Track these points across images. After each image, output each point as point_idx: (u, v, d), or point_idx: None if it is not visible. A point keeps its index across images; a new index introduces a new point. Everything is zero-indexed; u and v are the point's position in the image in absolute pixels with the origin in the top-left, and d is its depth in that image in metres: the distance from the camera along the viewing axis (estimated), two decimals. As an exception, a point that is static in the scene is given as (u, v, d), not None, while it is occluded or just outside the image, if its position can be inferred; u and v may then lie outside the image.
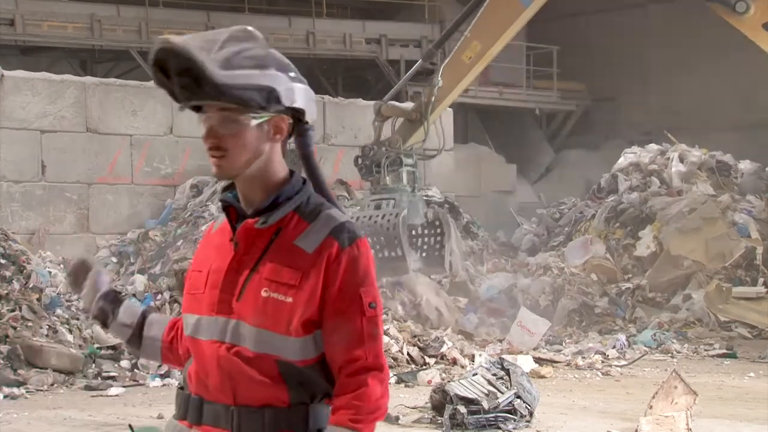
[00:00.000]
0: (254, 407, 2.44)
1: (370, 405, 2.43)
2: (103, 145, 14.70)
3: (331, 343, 2.43)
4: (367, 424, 2.43)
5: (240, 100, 2.41)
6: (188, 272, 2.61)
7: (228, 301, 2.46)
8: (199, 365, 2.49)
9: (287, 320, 2.43)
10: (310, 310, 2.42)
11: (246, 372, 2.43)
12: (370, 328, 2.44)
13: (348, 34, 20.90)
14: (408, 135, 13.78)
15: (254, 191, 2.50)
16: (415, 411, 8.30)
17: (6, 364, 9.65)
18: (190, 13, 19.96)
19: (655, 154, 17.19)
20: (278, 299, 2.43)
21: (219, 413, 2.46)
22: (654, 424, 7.16)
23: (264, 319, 2.43)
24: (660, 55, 22.76)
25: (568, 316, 14.03)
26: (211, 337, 2.47)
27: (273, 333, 2.43)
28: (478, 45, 13.55)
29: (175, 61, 2.37)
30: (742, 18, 12.53)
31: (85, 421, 8.08)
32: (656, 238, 15.28)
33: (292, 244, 2.46)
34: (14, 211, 13.90)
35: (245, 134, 2.45)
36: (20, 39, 18.13)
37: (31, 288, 10.87)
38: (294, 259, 2.45)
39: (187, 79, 2.38)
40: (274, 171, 2.51)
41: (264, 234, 2.47)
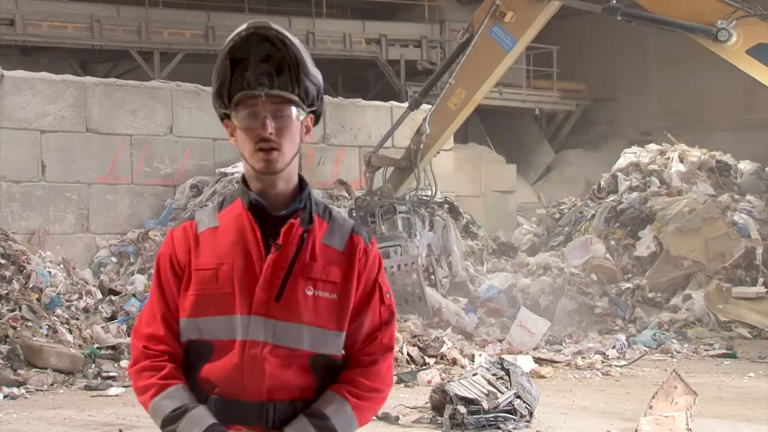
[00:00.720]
0: (287, 401, 2.47)
1: (374, 384, 2.51)
2: (103, 145, 14.69)
3: (352, 330, 2.52)
4: (361, 400, 2.50)
5: (307, 94, 2.45)
6: (187, 272, 2.53)
7: (267, 301, 2.46)
8: (227, 366, 2.46)
9: (337, 316, 2.50)
10: (353, 303, 2.52)
11: (285, 369, 2.46)
12: (387, 315, 2.57)
13: (348, 34, 20.89)
14: (399, 183, 14.05)
15: (284, 189, 2.51)
16: (415, 411, 8.30)
17: (6, 364, 9.65)
18: (190, 13, 19.94)
19: (655, 154, 17.19)
20: (325, 297, 2.49)
21: (249, 411, 2.47)
22: (654, 424, 7.15)
23: (315, 318, 2.47)
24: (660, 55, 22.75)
25: (568, 316, 14.03)
26: (248, 337, 2.45)
27: (327, 330, 2.49)
28: (463, 92, 13.83)
29: (266, 47, 2.40)
30: (724, 46, 12.59)
31: (85, 421, 8.08)
32: (656, 238, 15.28)
33: (322, 243, 2.51)
34: (14, 211, 13.90)
35: (293, 128, 2.49)
36: (20, 39, 18.12)
37: (31, 288, 10.87)
38: (329, 257, 2.51)
39: (267, 66, 2.39)
40: (297, 169, 2.56)
41: (297, 234, 2.47)
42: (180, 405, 2.46)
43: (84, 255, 14.24)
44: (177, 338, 2.53)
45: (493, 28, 13.66)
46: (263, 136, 2.43)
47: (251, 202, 2.50)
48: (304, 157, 15.86)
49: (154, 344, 2.52)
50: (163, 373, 2.49)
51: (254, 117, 2.44)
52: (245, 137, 2.46)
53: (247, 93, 2.43)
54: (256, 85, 2.42)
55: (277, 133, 2.44)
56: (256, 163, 2.46)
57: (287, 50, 2.43)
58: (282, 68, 2.43)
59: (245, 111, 2.45)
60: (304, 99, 2.47)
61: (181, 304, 2.52)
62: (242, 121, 2.46)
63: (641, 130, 22.02)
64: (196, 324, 2.50)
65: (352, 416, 2.49)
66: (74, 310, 11.13)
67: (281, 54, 2.43)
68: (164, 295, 2.55)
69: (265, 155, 2.45)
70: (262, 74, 2.41)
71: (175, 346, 2.52)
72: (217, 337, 2.48)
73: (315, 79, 2.50)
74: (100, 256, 14.31)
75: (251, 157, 2.47)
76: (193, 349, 2.52)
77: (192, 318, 2.50)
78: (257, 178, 2.49)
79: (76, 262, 13.21)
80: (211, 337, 2.49)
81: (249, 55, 2.42)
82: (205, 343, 2.50)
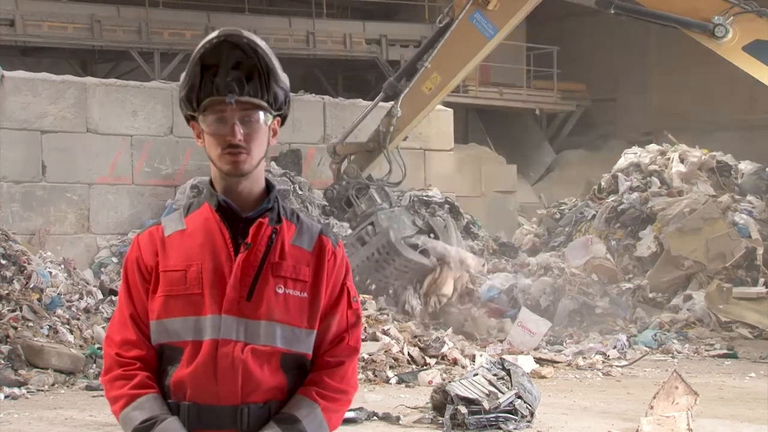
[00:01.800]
0: (260, 403, 2.47)
1: (340, 385, 2.53)
2: (103, 145, 14.70)
3: (320, 331, 2.54)
4: (329, 402, 2.51)
5: (275, 100, 2.48)
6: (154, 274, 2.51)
7: (237, 300, 2.46)
8: (199, 369, 2.45)
9: (308, 315, 2.51)
10: (323, 303, 2.54)
11: (258, 369, 2.46)
12: (353, 318, 2.59)
13: (348, 35, 20.90)
14: (365, 164, 13.79)
15: (252, 191, 2.52)
16: (416, 411, 8.30)
17: (7, 364, 9.65)
18: (190, 13, 19.96)
19: (656, 154, 17.18)
20: (295, 295, 2.50)
21: (223, 415, 2.46)
22: (655, 424, 7.15)
23: (286, 316, 2.49)
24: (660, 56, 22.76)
25: (569, 316, 14.02)
26: (219, 336, 2.45)
27: (298, 329, 2.50)
28: (438, 77, 13.58)
29: (237, 54, 2.42)
30: (720, 43, 12.53)
31: (86, 422, 8.08)
32: (657, 239, 15.27)
33: (291, 244, 2.52)
34: (15, 212, 13.90)
35: (261, 132, 2.50)
36: (21, 39, 18.14)
37: (31, 288, 10.87)
38: (299, 257, 2.52)
39: (238, 73, 2.42)
40: (263, 172, 2.57)
41: (266, 234, 2.49)
42: (149, 416, 2.44)
43: (85, 255, 14.24)
44: (149, 341, 2.51)
45: (475, 14, 13.44)
46: (232, 143, 2.45)
47: (219, 204, 2.50)
48: (304, 157, 15.86)
49: (126, 350, 2.50)
50: (134, 383, 2.47)
51: (222, 122, 2.46)
52: (213, 141, 2.48)
53: (217, 99, 2.44)
54: (226, 91, 2.43)
55: (246, 138, 2.46)
56: (223, 165, 2.47)
57: (258, 58, 2.45)
58: (252, 75, 2.45)
59: (213, 116, 2.46)
60: (272, 104, 2.50)
61: (150, 307, 2.51)
62: (210, 126, 2.47)
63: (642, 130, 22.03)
64: (164, 326, 2.49)
65: (322, 418, 2.49)
66: (75, 311, 11.14)
67: (252, 61, 2.45)
68: (133, 300, 2.53)
69: (232, 157, 2.46)
70: (233, 81, 2.43)
71: (147, 349, 2.50)
72: (185, 339, 2.47)
73: (284, 85, 2.52)
74: (100, 257, 14.30)
75: (219, 160, 2.48)
76: (163, 354, 2.51)
77: (161, 320, 2.49)
78: (224, 179, 2.50)
79: (77, 262, 13.21)
80: (179, 340, 2.47)
81: (219, 61, 2.43)
82: (175, 347, 2.48)
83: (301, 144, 15.72)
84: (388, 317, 11.95)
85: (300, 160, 15.81)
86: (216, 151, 2.47)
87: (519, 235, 18.10)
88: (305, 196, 14.89)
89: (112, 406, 2.51)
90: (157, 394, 2.48)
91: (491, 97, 22.41)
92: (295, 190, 14.81)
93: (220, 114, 2.45)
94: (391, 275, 12.52)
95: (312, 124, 14.08)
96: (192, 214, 2.55)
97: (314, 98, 15.87)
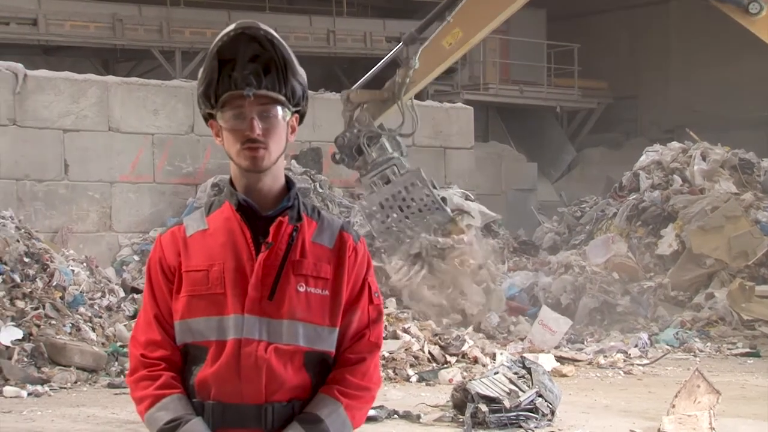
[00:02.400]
0: (284, 402, 2.47)
1: (362, 382, 2.52)
2: (125, 144, 14.77)
3: (341, 328, 2.53)
4: (352, 400, 2.50)
5: (293, 94, 2.47)
6: (177, 274, 2.51)
7: (259, 300, 2.46)
8: (223, 368, 2.45)
9: (330, 312, 2.51)
10: (344, 300, 2.52)
11: (281, 368, 2.45)
12: (375, 314, 2.57)
13: (368, 33, 20.90)
14: (378, 113, 13.50)
15: (272, 188, 2.52)
16: (437, 409, 8.30)
17: (30, 361, 9.71)
18: (211, 12, 20.02)
19: (677, 152, 17.09)
20: (316, 293, 2.50)
21: (247, 414, 2.46)
22: (677, 423, 7.13)
23: (308, 314, 2.48)
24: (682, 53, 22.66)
25: (590, 314, 13.99)
26: (243, 336, 2.45)
27: (321, 326, 2.49)
28: (460, 32, 13.25)
29: (254, 47, 2.42)
30: (754, 19, 12.37)
31: (108, 419, 8.12)
32: (678, 237, 15.20)
33: (311, 241, 2.51)
34: (38, 210, 13.99)
35: (280, 128, 2.49)
36: (43, 39, 18.24)
37: (54, 286, 10.94)
38: (320, 254, 2.51)
39: (255, 66, 2.41)
40: (283, 169, 2.56)
41: (287, 232, 2.48)
42: (174, 417, 2.44)
43: (107, 253, 14.32)
44: (174, 341, 2.51)
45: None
46: (251, 137, 2.44)
47: (240, 203, 2.50)
48: (325, 155, 15.88)
49: (151, 351, 2.50)
50: (159, 383, 2.48)
51: (241, 118, 2.44)
52: (232, 137, 2.46)
53: (235, 93, 2.43)
54: (244, 85, 2.42)
55: (264, 133, 2.45)
56: (242, 161, 2.46)
57: (275, 50, 2.43)
58: (269, 68, 2.44)
59: (232, 111, 2.45)
60: (290, 99, 2.48)
61: (174, 307, 2.51)
62: (229, 122, 2.46)
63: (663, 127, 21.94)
64: (188, 326, 2.49)
65: (345, 417, 2.49)
66: (97, 309, 11.20)
67: (269, 54, 2.43)
68: (157, 300, 2.53)
69: (251, 152, 2.45)
70: (250, 74, 2.42)
71: (172, 349, 2.51)
72: (209, 339, 2.47)
73: (301, 79, 2.50)
74: (122, 255, 14.38)
75: (237, 156, 2.47)
76: (188, 354, 2.51)
77: (184, 320, 2.49)
78: (243, 176, 2.49)
79: (99, 260, 13.28)
80: (203, 339, 2.47)
81: (237, 55, 2.42)
82: (199, 347, 2.48)
83: (322, 142, 15.75)
84: (408, 315, 11.96)
85: (320, 158, 15.82)
86: (235, 148, 2.46)
87: (539, 233, 18.06)
88: (325, 194, 14.91)
89: (137, 406, 2.52)
90: (182, 395, 2.48)
91: (512, 95, 22.36)
92: (315, 188, 14.83)
93: (238, 109, 2.44)
94: (411, 216, 12.54)
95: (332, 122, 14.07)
96: (213, 214, 2.54)
97: (334, 96, 15.87)
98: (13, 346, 9.77)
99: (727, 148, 17.02)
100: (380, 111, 13.47)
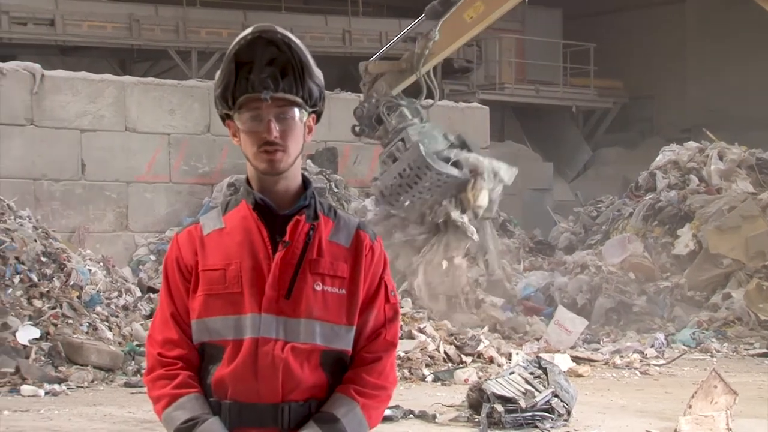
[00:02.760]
0: (301, 401, 2.47)
1: (378, 381, 2.52)
2: (141, 143, 14.83)
3: (357, 327, 2.53)
4: (368, 399, 2.50)
5: (310, 95, 2.47)
6: (194, 273, 2.51)
7: (277, 299, 2.46)
8: (240, 367, 2.46)
9: (347, 311, 2.51)
10: (361, 299, 2.53)
11: (298, 367, 2.46)
12: (391, 313, 2.57)
13: (384, 33, 20.89)
14: (395, 83, 13.46)
15: (289, 188, 2.52)
16: (452, 409, 8.29)
17: (47, 361, 9.75)
18: (227, 12, 20.07)
19: (694, 151, 17.03)
20: (333, 292, 2.50)
21: (264, 413, 2.46)
22: (693, 423, 7.10)
23: (325, 313, 2.48)
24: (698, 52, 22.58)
25: (606, 314, 13.96)
26: (259, 335, 2.45)
27: (338, 325, 2.50)
28: (482, 6, 13.18)
29: (272, 50, 2.43)
30: None
31: (125, 418, 8.15)
32: (695, 237, 15.15)
33: (328, 240, 2.52)
34: (55, 210, 14.06)
35: (297, 129, 2.50)
36: (60, 39, 18.33)
37: (71, 285, 10.98)
38: (336, 253, 2.52)
39: (272, 69, 2.42)
40: (300, 169, 2.56)
41: (303, 231, 2.49)
42: (191, 416, 2.44)
43: (123, 253, 14.38)
44: (191, 340, 2.51)
45: None
46: (268, 140, 2.44)
47: (257, 202, 2.50)
48: (340, 155, 15.89)
49: (168, 350, 2.51)
50: (176, 382, 2.48)
51: (258, 120, 2.45)
52: (249, 140, 2.47)
53: (252, 96, 2.43)
54: (261, 88, 2.42)
55: (282, 135, 2.45)
56: (260, 163, 2.47)
57: (292, 53, 2.44)
58: (286, 71, 2.44)
59: (249, 113, 2.45)
60: (307, 100, 2.48)
61: (191, 306, 2.51)
62: (246, 124, 2.46)
63: (680, 127, 21.86)
64: (205, 325, 2.49)
65: (362, 416, 2.49)
66: (114, 308, 11.23)
67: (286, 57, 2.44)
68: (174, 299, 2.53)
69: (268, 156, 2.45)
70: (267, 77, 2.42)
71: (189, 348, 2.51)
72: (226, 338, 2.47)
73: (318, 80, 2.51)
74: (138, 254, 14.43)
75: (255, 158, 2.47)
76: (205, 353, 2.51)
77: (201, 319, 2.49)
78: (260, 178, 2.50)
79: (116, 260, 13.33)
80: (220, 338, 2.47)
81: (254, 58, 2.43)
82: (216, 346, 2.48)
83: (337, 142, 15.76)
84: (424, 315, 11.96)
85: (336, 158, 15.84)
86: (252, 149, 2.47)
87: (555, 233, 18.02)
88: (341, 194, 14.93)
89: (154, 405, 2.52)
90: (199, 394, 2.49)
91: (528, 95, 22.33)
92: (331, 188, 14.85)
93: (255, 111, 2.45)
94: (424, 190, 12.45)
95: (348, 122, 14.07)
96: (230, 213, 2.54)
97: (350, 96, 15.90)
98: (30, 345, 9.82)
99: (744, 147, 16.95)
100: (398, 81, 13.46)
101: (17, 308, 10.27)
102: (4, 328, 9.92)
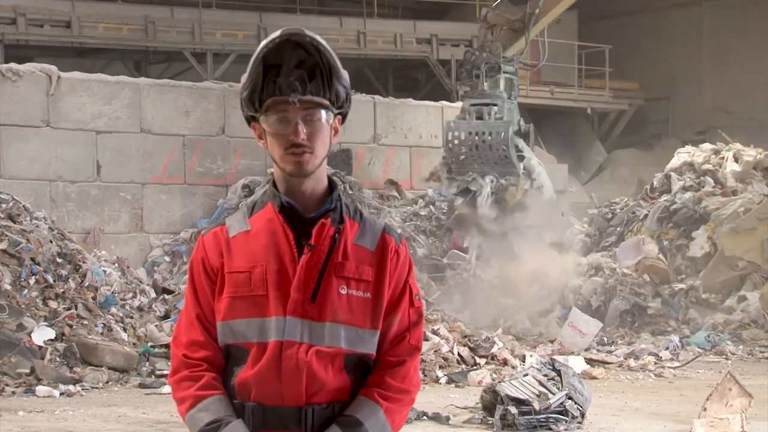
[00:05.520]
0: (324, 404, 2.47)
1: (402, 385, 2.51)
2: (156, 145, 14.87)
3: (381, 330, 2.53)
4: (392, 403, 2.50)
5: (337, 97, 2.48)
6: (220, 275, 2.51)
7: (302, 302, 2.46)
8: (264, 370, 2.45)
9: (372, 315, 2.51)
10: (386, 303, 2.52)
11: (322, 370, 2.46)
12: (415, 316, 2.57)
13: (399, 34, 20.90)
14: (509, 44, 13.90)
15: (315, 191, 2.52)
16: (466, 411, 8.29)
17: (62, 361, 9.80)
18: (242, 14, 20.11)
19: (709, 153, 16.98)
20: (358, 296, 2.50)
21: (287, 416, 2.46)
22: (708, 426, 7.08)
23: (350, 317, 2.48)
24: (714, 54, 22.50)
25: (620, 316, 13.92)
26: (284, 338, 2.45)
27: (362, 329, 2.50)
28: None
29: (300, 53, 2.43)
30: None
31: (139, 419, 8.18)
32: (710, 239, 15.10)
33: (353, 243, 2.52)
34: (70, 211, 14.12)
35: (324, 131, 2.50)
36: (76, 41, 18.39)
37: (86, 287, 11.02)
38: (362, 257, 2.52)
39: (300, 72, 2.43)
40: (325, 171, 2.56)
41: (329, 234, 2.50)
42: (215, 418, 2.44)
43: (138, 254, 14.43)
44: (216, 342, 2.51)
45: None
46: (295, 142, 2.44)
47: (282, 205, 2.50)
48: (355, 157, 15.91)
49: (193, 351, 2.51)
50: (201, 384, 2.48)
51: (285, 122, 2.45)
52: (276, 142, 2.47)
53: (279, 99, 2.44)
54: (289, 91, 2.42)
55: (309, 137, 2.45)
56: (287, 165, 2.47)
57: (320, 56, 2.44)
58: (314, 74, 2.44)
59: (276, 116, 2.45)
60: (334, 102, 2.49)
61: (216, 308, 2.51)
62: (273, 126, 2.46)
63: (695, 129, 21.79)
64: (230, 327, 2.49)
65: (385, 420, 2.48)
66: (128, 309, 11.28)
67: (314, 60, 2.44)
68: (199, 301, 2.53)
69: (295, 158, 2.45)
70: (295, 80, 2.43)
71: (215, 350, 2.51)
72: (250, 340, 2.47)
73: (345, 82, 2.51)
74: (153, 256, 14.48)
75: (281, 160, 2.47)
76: (230, 355, 2.51)
77: (226, 321, 2.49)
78: (287, 180, 2.50)
79: (131, 261, 13.39)
80: (245, 341, 2.47)
81: (282, 61, 2.43)
82: (241, 348, 2.48)
83: (352, 144, 15.77)
84: (438, 317, 11.96)
85: (350, 159, 15.86)
86: (279, 152, 2.47)
87: (570, 234, 17.97)
88: (355, 195, 14.94)
89: (178, 407, 2.52)
90: (223, 396, 2.48)
91: (542, 96, 22.29)
92: (345, 189, 14.87)
93: (282, 114, 2.45)
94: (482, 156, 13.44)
95: (362, 123, 14.14)
96: (256, 215, 2.54)
97: (365, 98, 15.92)
98: (45, 346, 9.87)
99: (760, 149, 16.89)
100: (511, 41, 13.97)
101: (33, 309, 10.32)
102: (20, 329, 9.97)
